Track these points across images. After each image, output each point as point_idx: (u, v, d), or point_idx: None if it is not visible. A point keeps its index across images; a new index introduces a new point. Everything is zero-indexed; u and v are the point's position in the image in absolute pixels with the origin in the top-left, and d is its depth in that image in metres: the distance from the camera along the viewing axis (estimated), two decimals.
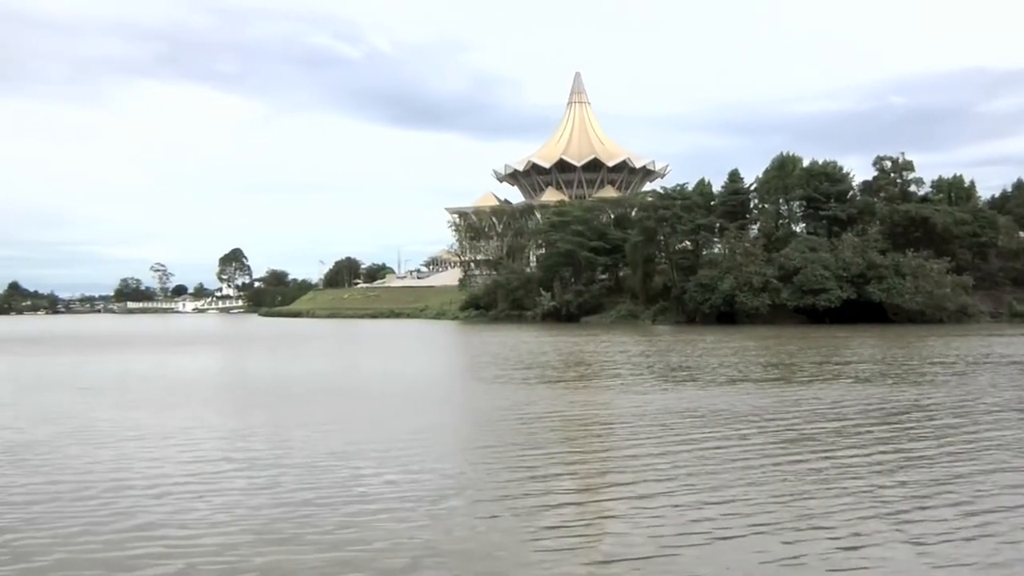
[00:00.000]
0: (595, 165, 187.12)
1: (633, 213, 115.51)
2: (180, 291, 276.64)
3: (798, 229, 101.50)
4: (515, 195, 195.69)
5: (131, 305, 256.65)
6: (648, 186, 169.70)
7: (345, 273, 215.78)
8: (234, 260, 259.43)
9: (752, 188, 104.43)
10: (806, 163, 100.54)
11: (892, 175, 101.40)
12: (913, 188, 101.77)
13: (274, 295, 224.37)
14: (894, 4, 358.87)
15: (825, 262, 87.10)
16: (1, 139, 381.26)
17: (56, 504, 14.35)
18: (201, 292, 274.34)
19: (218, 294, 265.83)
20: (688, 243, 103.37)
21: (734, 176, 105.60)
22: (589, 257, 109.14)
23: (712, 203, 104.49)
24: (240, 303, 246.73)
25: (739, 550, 11.32)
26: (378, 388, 33.54)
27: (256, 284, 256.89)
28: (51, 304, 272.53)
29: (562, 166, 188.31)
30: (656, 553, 11.28)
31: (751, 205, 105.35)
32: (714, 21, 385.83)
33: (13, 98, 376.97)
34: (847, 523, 12.39)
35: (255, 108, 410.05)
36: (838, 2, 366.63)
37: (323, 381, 36.80)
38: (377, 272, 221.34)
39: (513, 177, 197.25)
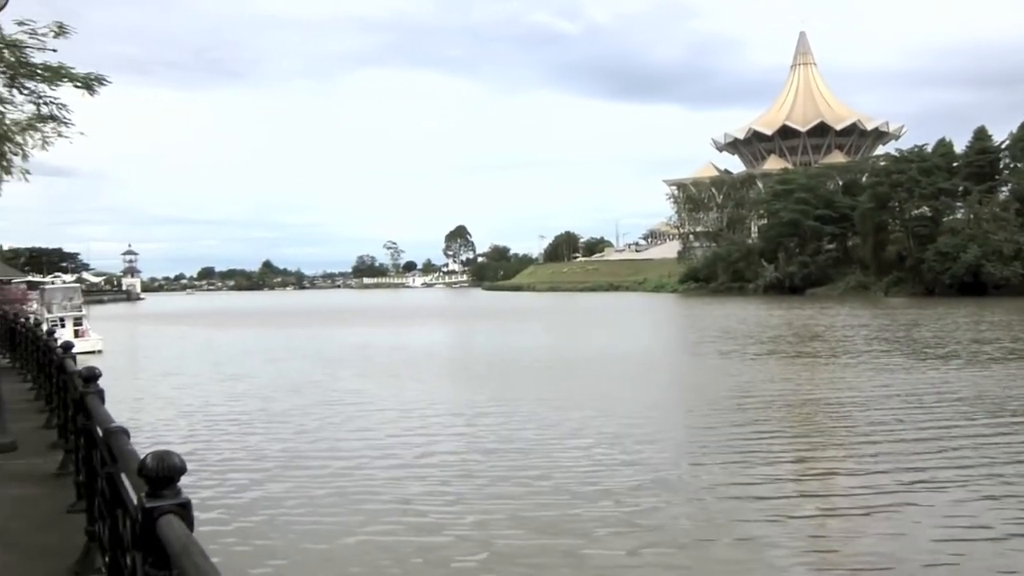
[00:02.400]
0: (821, 129, 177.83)
1: (864, 179, 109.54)
2: (410, 267, 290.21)
3: None
4: (735, 164, 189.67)
5: (366, 281, 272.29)
6: (880, 149, 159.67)
7: (564, 247, 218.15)
8: (459, 236, 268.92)
9: (1003, 146, 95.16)
10: None
11: None
12: None
13: (496, 270, 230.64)
14: None
15: None
16: (251, 132, 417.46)
17: (297, 473, 15.37)
18: (429, 267, 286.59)
19: (444, 269, 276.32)
20: (926, 209, 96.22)
21: (981, 134, 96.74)
22: (815, 226, 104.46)
23: (955, 165, 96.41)
24: (464, 278, 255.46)
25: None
26: (606, 363, 33.65)
27: (479, 259, 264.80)
28: (298, 280, 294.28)
29: (785, 132, 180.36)
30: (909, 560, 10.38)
31: (1001, 165, 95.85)
32: None
33: (258, 92, 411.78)
34: None
35: (477, 89, 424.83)
36: None
37: (549, 355, 37.36)
38: (595, 246, 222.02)
39: (733, 146, 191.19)
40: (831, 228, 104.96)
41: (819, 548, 10.91)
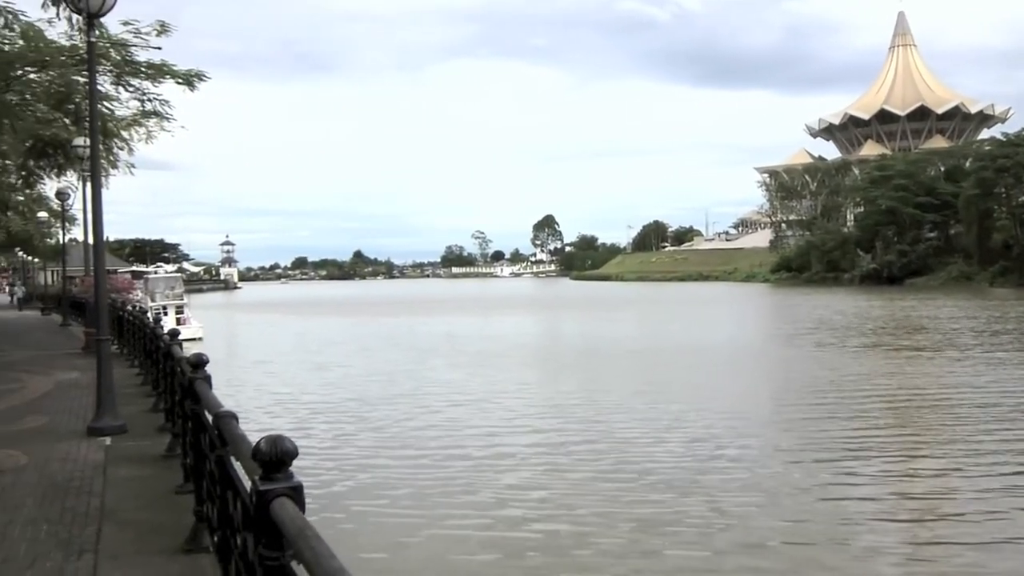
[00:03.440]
0: (922, 113, 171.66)
1: (967, 164, 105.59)
2: (498, 256, 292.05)
3: None
4: (830, 151, 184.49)
5: (455, 270, 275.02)
6: (985, 133, 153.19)
7: (652, 236, 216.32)
8: (546, 226, 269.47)
9: None
10: None
11: None
12: None
13: (584, 259, 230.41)
14: None
15: None
16: (341, 124, 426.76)
17: (388, 465, 15.40)
18: (517, 257, 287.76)
19: (532, 259, 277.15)
20: None
21: None
22: (914, 214, 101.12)
23: None
24: (552, 267, 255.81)
25: None
26: (698, 353, 33.22)
27: (567, 249, 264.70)
28: (388, 270, 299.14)
29: (883, 116, 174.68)
30: None
31: None
32: None
33: (348, 85, 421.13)
34: None
35: (564, 78, 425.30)
36: None
37: (640, 345, 37.14)
38: (684, 235, 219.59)
39: (828, 131, 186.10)
40: (932, 216, 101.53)
41: (921, 557, 10.47)
